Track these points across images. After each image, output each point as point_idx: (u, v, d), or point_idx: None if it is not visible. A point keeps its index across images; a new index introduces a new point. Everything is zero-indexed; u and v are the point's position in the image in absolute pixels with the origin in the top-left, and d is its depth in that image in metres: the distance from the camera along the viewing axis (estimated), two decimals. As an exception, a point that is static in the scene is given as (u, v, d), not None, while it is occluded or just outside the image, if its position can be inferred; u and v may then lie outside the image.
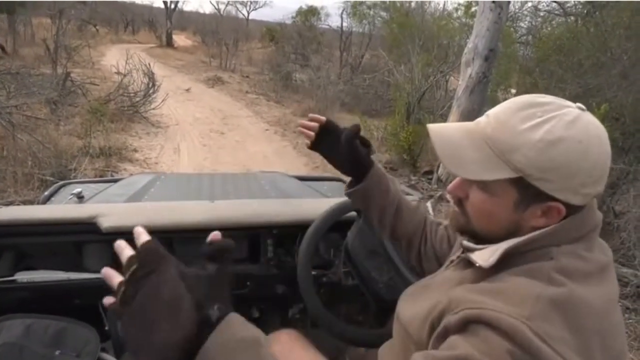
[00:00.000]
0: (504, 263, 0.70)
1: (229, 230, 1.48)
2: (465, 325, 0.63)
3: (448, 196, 0.82)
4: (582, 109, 0.70)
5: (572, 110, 0.69)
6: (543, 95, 0.72)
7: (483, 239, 0.77)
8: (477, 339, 0.60)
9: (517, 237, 0.71)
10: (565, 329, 0.61)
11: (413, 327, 0.79)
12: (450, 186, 0.79)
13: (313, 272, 1.38)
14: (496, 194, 0.72)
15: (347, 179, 1.12)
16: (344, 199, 1.52)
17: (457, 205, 0.79)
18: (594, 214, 0.74)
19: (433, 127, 0.77)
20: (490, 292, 0.66)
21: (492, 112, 0.74)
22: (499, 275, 0.70)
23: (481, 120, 0.75)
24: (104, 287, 0.57)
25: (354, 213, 1.41)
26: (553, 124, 0.67)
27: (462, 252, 0.83)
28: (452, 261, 0.87)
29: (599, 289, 0.69)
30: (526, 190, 0.69)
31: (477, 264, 0.72)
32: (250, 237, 1.52)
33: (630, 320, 3.35)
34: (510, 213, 0.72)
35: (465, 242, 0.80)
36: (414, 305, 0.83)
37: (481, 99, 5.39)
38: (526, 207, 0.71)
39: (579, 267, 0.68)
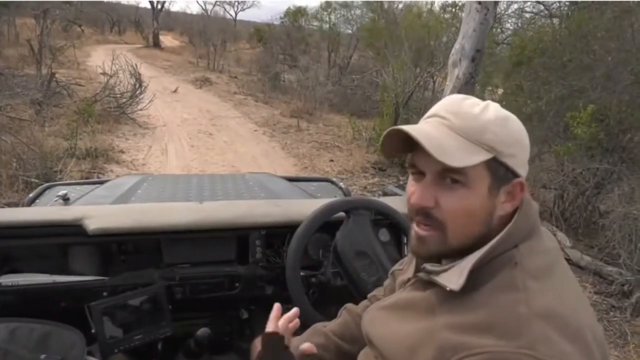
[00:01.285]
0: (471, 279, 0.69)
1: (217, 231, 1.47)
2: None
3: (411, 214, 0.76)
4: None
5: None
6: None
7: (450, 254, 0.74)
8: None
9: (489, 236, 0.71)
10: (565, 340, 0.62)
11: (393, 354, 0.76)
12: (415, 198, 0.73)
13: (302, 273, 1.38)
14: (471, 184, 0.70)
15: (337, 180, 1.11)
16: (333, 199, 1.53)
17: (424, 222, 0.73)
18: (532, 204, 0.76)
19: (407, 127, 0.72)
20: (479, 327, 0.64)
21: (438, 111, 0.74)
22: (472, 295, 0.68)
23: (433, 119, 0.74)
24: (90, 290, 0.56)
25: (342, 214, 1.41)
26: (494, 106, 0.72)
27: (417, 272, 0.81)
28: (407, 281, 0.85)
29: (566, 279, 0.71)
30: (497, 171, 0.71)
31: (448, 289, 0.70)
32: (238, 238, 1.51)
33: (615, 319, 3.41)
34: (486, 201, 0.71)
35: (429, 267, 0.76)
36: (386, 329, 0.81)
37: (468, 100, 5.42)
38: (497, 191, 0.71)
39: (542, 264, 0.70)
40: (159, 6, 24.35)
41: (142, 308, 1.29)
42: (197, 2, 45.87)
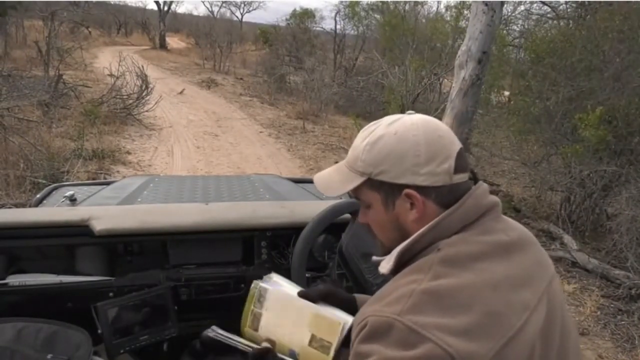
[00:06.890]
0: (402, 266, 0.77)
1: (223, 232, 1.48)
2: (356, 339, 0.71)
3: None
4: (411, 114, 0.83)
5: (398, 116, 0.82)
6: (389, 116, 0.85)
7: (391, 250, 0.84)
8: (362, 348, 0.69)
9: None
10: (442, 315, 0.65)
11: None
12: (358, 218, 0.90)
13: (307, 274, 1.38)
14: (371, 204, 0.82)
15: None
16: (338, 201, 1.53)
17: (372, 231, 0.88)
18: (480, 199, 0.79)
19: (316, 175, 0.91)
20: (376, 298, 0.75)
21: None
22: (394, 277, 0.77)
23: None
24: (96, 290, 0.56)
25: (348, 215, 1.41)
26: (375, 129, 0.81)
27: None
28: None
29: (492, 270, 0.71)
30: (381, 188, 0.80)
31: (381, 273, 0.82)
32: (244, 239, 1.51)
33: (623, 322, 3.38)
34: (386, 214, 0.81)
35: (374, 257, 0.88)
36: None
37: (474, 102, 5.41)
38: (393, 204, 0.80)
39: (465, 251, 0.72)
40: (166, 8, 24.50)
41: (148, 309, 1.30)
42: (204, 3, 46.01)
